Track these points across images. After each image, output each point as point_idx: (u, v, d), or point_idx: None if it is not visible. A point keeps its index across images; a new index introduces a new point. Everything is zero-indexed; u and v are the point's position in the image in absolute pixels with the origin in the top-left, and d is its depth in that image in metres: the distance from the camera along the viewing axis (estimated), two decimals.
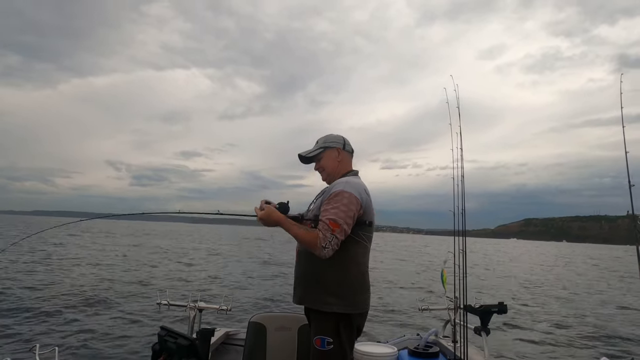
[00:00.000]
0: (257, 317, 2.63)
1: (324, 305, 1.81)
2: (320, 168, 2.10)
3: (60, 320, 6.17)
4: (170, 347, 1.50)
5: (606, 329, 7.45)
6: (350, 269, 1.86)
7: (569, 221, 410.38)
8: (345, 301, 1.82)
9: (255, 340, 2.55)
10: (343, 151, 2.07)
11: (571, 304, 9.99)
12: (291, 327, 2.59)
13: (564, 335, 7.05)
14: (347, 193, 1.82)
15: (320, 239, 1.74)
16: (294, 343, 2.56)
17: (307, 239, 1.78)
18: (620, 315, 8.91)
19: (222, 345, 3.03)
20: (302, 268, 1.95)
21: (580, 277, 16.99)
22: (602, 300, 10.87)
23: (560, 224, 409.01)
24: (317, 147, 2.10)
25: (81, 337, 5.43)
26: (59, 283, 8.86)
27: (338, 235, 1.76)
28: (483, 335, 2.68)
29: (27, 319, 6.13)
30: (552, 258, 35.52)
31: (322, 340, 1.79)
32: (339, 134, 2.13)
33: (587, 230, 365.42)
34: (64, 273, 10.44)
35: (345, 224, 1.78)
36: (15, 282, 8.62)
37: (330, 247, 1.75)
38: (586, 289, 12.82)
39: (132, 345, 5.24)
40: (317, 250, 1.75)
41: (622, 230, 51.85)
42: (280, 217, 1.85)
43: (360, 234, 1.87)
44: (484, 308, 2.72)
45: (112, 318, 6.44)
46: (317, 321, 1.85)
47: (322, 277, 1.84)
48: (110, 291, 8.36)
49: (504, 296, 10.13)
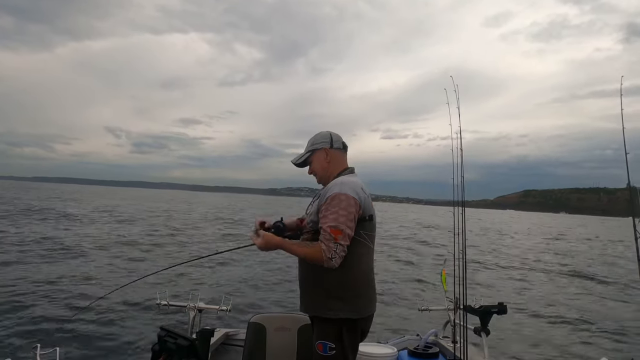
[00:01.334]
0: (257, 318, 2.63)
1: (327, 312, 1.79)
2: (312, 172, 2.06)
3: (60, 319, 6.17)
4: (170, 348, 1.50)
5: (607, 325, 7.45)
6: (353, 271, 1.82)
7: (568, 193, 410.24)
8: (349, 305, 1.78)
9: (255, 340, 2.55)
10: (331, 150, 2.00)
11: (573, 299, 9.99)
12: (291, 328, 2.59)
13: (565, 334, 7.06)
14: (344, 195, 1.77)
15: (324, 251, 1.72)
16: (293, 343, 2.56)
17: (312, 255, 1.75)
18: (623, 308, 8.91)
19: (221, 346, 3.04)
20: (304, 274, 1.93)
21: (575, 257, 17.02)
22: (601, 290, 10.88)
23: (559, 196, 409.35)
24: (305, 150, 2.05)
25: (81, 337, 5.44)
26: (61, 278, 8.87)
27: (342, 241, 1.73)
28: (483, 335, 2.69)
29: (27, 317, 6.13)
30: (544, 234, 35.88)
31: (324, 346, 1.77)
32: (326, 132, 2.06)
33: (585, 202, 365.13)
34: (66, 265, 10.46)
35: (347, 227, 1.74)
36: (16, 278, 8.62)
37: (337, 256, 1.72)
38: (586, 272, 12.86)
39: (132, 346, 5.25)
40: (324, 263, 1.73)
41: (621, 202, 52.35)
42: (279, 241, 1.83)
43: (361, 233, 1.83)
44: (483, 308, 2.73)
45: (112, 318, 6.44)
46: (320, 326, 1.83)
47: (324, 282, 1.81)
48: (108, 289, 8.36)
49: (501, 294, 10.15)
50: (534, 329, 7.35)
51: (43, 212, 24.75)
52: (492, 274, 12.66)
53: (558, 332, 7.22)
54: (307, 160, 2.04)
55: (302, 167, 2.08)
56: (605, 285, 11.85)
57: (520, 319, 7.83)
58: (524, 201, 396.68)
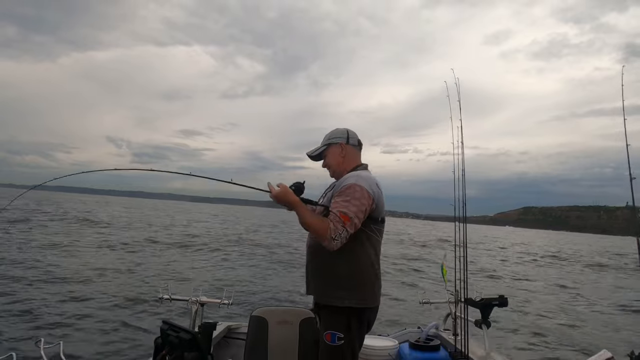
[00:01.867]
0: (259, 311, 2.64)
1: (336, 300, 1.80)
2: (326, 166, 2.08)
3: (63, 313, 6.21)
4: (173, 341, 1.51)
5: (608, 324, 7.48)
6: (362, 262, 1.84)
7: (568, 210, 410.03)
8: (358, 295, 1.81)
9: (257, 334, 2.56)
10: (347, 145, 2.03)
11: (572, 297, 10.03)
12: (293, 321, 2.60)
13: (564, 327, 7.08)
14: (359, 187, 1.80)
15: (330, 230, 1.72)
16: (295, 337, 2.57)
17: (319, 228, 1.74)
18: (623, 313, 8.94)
19: (223, 339, 3.05)
20: (313, 262, 1.94)
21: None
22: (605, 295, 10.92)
23: (559, 213, 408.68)
24: (321, 144, 2.08)
25: (84, 332, 5.47)
26: (64, 270, 8.91)
27: (348, 228, 1.73)
28: (484, 328, 2.70)
29: (30, 312, 6.17)
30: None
31: (332, 336, 1.78)
32: (344, 128, 2.09)
33: (585, 220, 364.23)
34: (66, 261, 10.51)
35: (356, 217, 1.75)
36: (19, 272, 8.66)
37: (339, 239, 1.72)
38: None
39: (135, 339, 5.28)
40: (325, 241, 1.73)
41: (621, 221, 52.38)
42: (295, 199, 1.78)
43: (372, 227, 1.86)
44: (484, 301, 2.73)
45: (115, 312, 6.48)
46: (328, 316, 1.84)
47: (333, 271, 1.83)
48: (112, 285, 8.40)
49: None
50: (534, 321, 7.38)
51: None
52: (492, 263, 12.70)
53: (558, 324, 7.24)
54: (322, 153, 2.07)
55: (316, 160, 2.10)
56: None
57: (520, 311, 7.85)
58: (523, 218, 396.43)
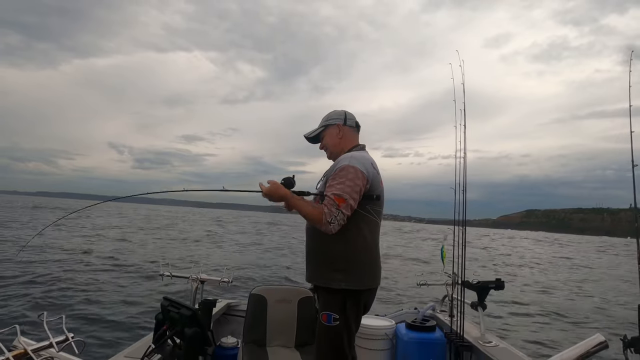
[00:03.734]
0: (258, 290, 2.68)
1: (331, 282, 1.82)
2: (323, 147, 2.07)
3: (66, 289, 6.30)
4: (173, 317, 1.52)
5: (604, 310, 7.57)
6: (358, 244, 1.84)
7: (571, 213, 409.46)
8: (353, 277, 1.81)
9: (256, 311, 2.60)
10: (344, 127, 2.03)
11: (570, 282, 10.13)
12: (291, 300, 2.64)
13: (559, 311, 7.18)
14: (352, 167, 1.80)
15: (325, 214, 1.72)
16: (294, 315, 2.61)
17: (313, 214, 1.76)
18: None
19: (223, 316, 3.10)
20: (310, 245, 1.95)
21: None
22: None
23: (562, 216, 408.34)
24: (319, 126, 2.07)
25: (86, 307, 5.57)
26: (71, 253, 9.03)
27: (344, 210, 1.73)
28: (479, 310, 2.73)
29: (33, 288, 6.26)
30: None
31: (328, 316, 1.80)
32: (341, 109, 2.09)
33: (588, 223, 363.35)
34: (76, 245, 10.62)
35: (351, 198, 1.75)
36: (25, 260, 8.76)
37: (336, 222, 1.73)
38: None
39: (136, 315, 5.37)
40: (322, 225, 1.74)
41: (624, 223, 51.75)
42: (285, 192, 1.80)
43: (368, 208, 1.85)
44: (481, 284, 2.76)
45: (116, 289, 6.57)
46: (324, 297, 1.86)
47: (329, 253, 1.83)
48: (116, 260, 8.50)
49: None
50: (530, 304, 7.47)
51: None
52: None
53: (554, 305, 7.34)
54: (320, 135, 2.06)
55: (313, 142, 2.10)
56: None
57: (516, 293, 7.95)
58: (526, 221, 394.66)
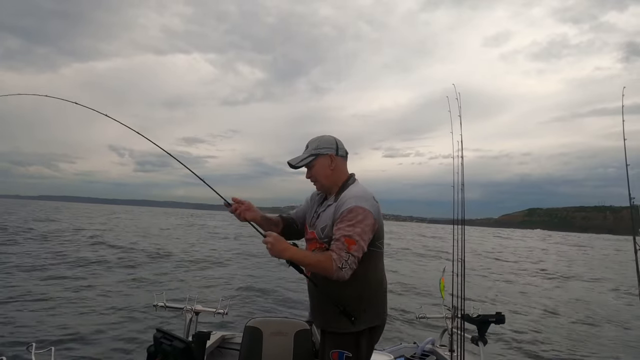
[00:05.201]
0: (254, 322, 2.62)
1: (345, 328, 1.73)
2: (312, 178, 1.90)
3: (56, 318, 6.15)
4: (166, 350, 1.49)
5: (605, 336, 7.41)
6: (370, 281, 1.77)
7: (573, 211, 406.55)
8: (367, 315, 1.75)
9: (251, 344, 2.54)
10: (336, 157, 1.87)
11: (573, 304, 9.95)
12: (287, 332, 2.58)
13: (563, 344, 7.02)
14: (362, 209, 1.69)
15: (335, 260, 1.61)
16: (290, 348, 2.55)
17: (320, 262, 1.63)
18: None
19: (217, 349, 3.02)
20: (317, 288, 1.81)
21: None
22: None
23: (564, 214, 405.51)
24: (307, 153, 1.88)
25: (76, 338, 5.41)
26: (58, 277, 8.86)
27: (354, 252, 1.64)
28: (480, 345, 2.68)
29: (21, 317, 6.11)
30: None
31: (340, 354, 1.72)
32: (330, 137, 1.92)
33: (590, 221, 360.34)
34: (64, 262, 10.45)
35: (362, 240, 1.66)
36: (14, 277, 8.61)
37: (347, 266, 1.62)
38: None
39: (128, 347, 5.22)
40: (333, 272, 1.62)
41: (627, 221, 52.40)
42: (293, 251, 1.62)
43: (376, 243, 1.78)
44: (481, 318, 2.72)
45: (108, 318, 6.41)
46: (336, 336, 1.77)
47: (339, 298, 1.73)
48: (105, 290, 8.34)
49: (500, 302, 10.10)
50: (532, 338, 7.31)
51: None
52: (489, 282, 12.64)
53: (555, 337, 7.18)
54: (308, 164, 1.89)
55: (297, 168, 1.91)
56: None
57: (517, 327, 7.79)
58: (528, 220, 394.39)
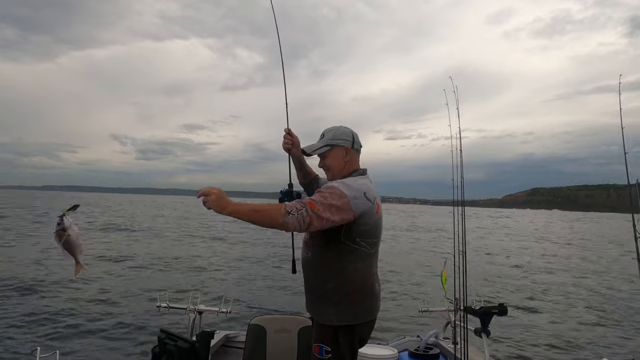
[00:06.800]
0: (257, 320, 2.63)
1: (324, 317, 1.79)
2: (325, 167, 1.90)
3: (59, 321, 6.16)
4: (170, 350, 1.50)
5: (611, 327, 7.44)
6: (351, 278, 1.77)
7: (576, 190, 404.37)
8: (345, 313, 1.76)
9: (255, 342, 2.55)
10: (352, 150, 1.86)
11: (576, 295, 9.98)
12: (291, 329, 2.59)
13: (567, 334, 7.04)
14: (340, 191, 1.66)
15: (286, 206, 1.57)
16: (294, 345, 2.56)
17: (269, 212, 1.58)
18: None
19: (222, 348, 3.03)
20: (306, 279, 1.91)
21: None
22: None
23: (568, 193, 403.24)
24: (323, 142, 1.87)
25: (80, 340, 5.43)
26: (59, 283, 8.86)
27: (311, 212, 1.57)
28: (483, 336, 2.69)
29: (26, 320, 6.12)
30: None
31: (320, 348, 1.77)
32: (348, 129, 1.90)
33: (594, 199, 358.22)
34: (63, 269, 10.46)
35: (324, 210, 1.60)
36: (16, 277, 8.61)
37: (296, 214, 1.55)
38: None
39: (132, 348, 5.23)
40: (280, 217, 1.55)
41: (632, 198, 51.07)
42: (227, 202, 1.55)
43: (359, 241, 1.74)
44: (484, 309, 2.72)
45: (112, 320, 6.42)
46: (318, 329, 1.83)
47: (322, 288, 1.80)
48: (109, 292, 8.35)
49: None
50: (535, 328, 7.34)
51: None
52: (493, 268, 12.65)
53: (560, 330, 7.20)
54: (322, 153, 1.88)
55: (309, 156, 1.94)
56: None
57: (521, 319, 7.82)
58: (532, 199, 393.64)
